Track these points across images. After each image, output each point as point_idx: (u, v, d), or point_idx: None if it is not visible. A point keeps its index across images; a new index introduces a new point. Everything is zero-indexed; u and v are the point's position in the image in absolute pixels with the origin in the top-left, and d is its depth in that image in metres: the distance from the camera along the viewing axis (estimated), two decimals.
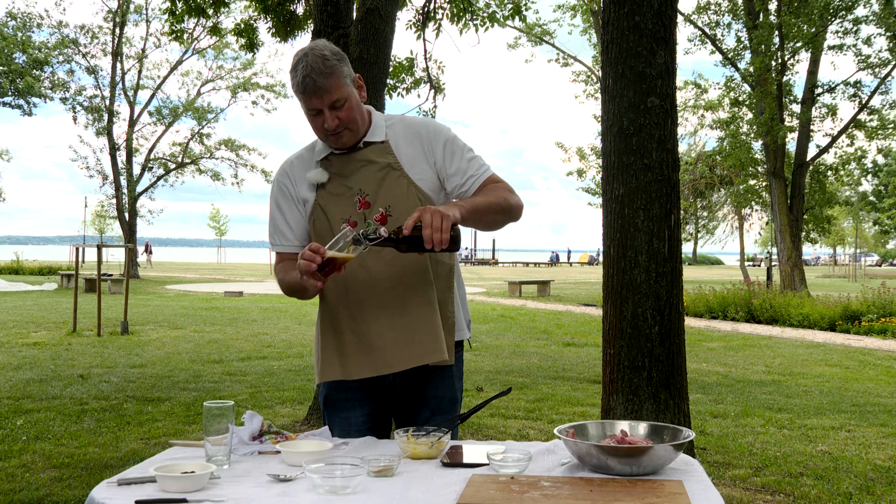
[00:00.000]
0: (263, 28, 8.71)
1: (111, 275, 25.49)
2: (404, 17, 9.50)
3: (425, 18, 8.78)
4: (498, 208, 2.37)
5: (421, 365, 2.44)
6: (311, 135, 2.50)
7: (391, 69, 9.17)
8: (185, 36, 9.25)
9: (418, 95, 9.50)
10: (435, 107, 9.99)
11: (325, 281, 2.23)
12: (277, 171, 2.58)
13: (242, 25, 8.60)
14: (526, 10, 9.74)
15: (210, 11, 8.45)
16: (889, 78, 22.22)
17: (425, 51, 9.03)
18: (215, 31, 9.36)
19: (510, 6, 9.75)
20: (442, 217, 2.10)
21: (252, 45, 8.70)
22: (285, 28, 8.03)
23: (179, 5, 8.26)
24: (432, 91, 9.48)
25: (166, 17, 8.56)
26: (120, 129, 33.87)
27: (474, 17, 9.37)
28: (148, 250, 50.56)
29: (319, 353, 2.53)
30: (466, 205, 2.28)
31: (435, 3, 8.91)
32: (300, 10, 8.13)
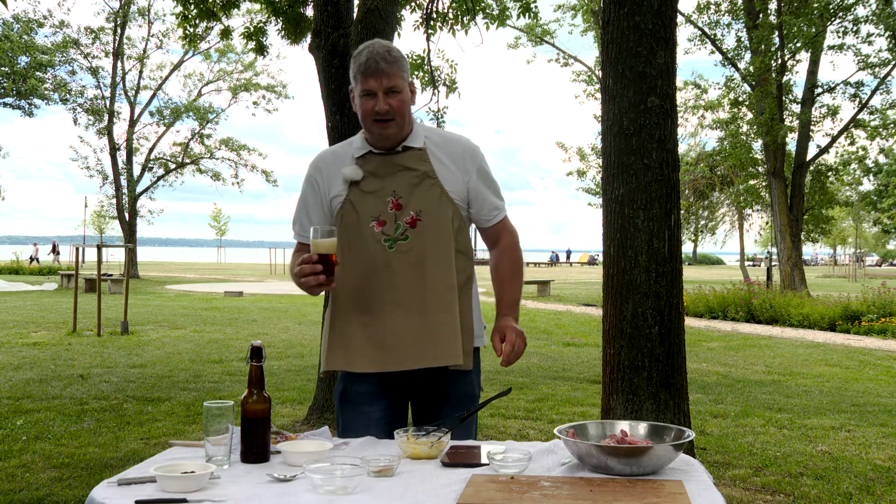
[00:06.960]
0: (273, 31, 8.63)
1: (111, 275, 25.48)
2: (411, 18, 9.48)
3: (428, 19, 8.77)
4: (522, 286, 2.67)
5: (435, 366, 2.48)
6: (307, 135, 2.56)
7: None
8: (197, 39, 9.17)
9: (433, 94, 9.42)
10: (445, 107, 9.95)
11: (333, 279, 2.33)
12: (311, 163, 2.64)
13: (252, 28, 8.52)
14: (535, 8, 9.68)
15: (220, 15, 8.39)
16: (889, 78, 22.22)
17: (428, 51, 9.02)
18: (226, 34, 9.23)
19: (520, 4, 9.68)
20: (523, 343, 2.45)
21: (262, 49, 8.62)
22: (295, 30, 8.00)
23: (192, 10, 8.20)
24: (440, 91, 9.46)
25: (178, 21, 8.47)
26: (120, 130, 33.91)
27: (483, 16, 9.34)
28: (55, 250, 50.50)
29: (327, 343, 2.55)
30: (517, 311, 2.58)
31: (439, 3, 8.89)
32: (310, 12, 8.09)
